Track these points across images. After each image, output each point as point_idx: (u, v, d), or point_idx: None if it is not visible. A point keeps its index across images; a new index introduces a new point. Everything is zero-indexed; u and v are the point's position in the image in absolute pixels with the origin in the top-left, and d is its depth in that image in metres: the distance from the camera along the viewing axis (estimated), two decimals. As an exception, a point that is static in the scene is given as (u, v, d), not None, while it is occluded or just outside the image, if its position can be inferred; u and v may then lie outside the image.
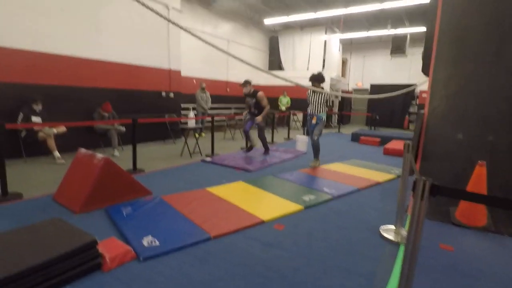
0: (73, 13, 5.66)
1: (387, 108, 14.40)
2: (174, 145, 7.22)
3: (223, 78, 11.46)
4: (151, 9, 2.76)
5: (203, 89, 8.71)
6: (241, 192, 3.63)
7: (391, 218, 2.91)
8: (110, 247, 2.09)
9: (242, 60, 3.48)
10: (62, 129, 5.20)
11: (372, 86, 15.11)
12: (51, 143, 5.02)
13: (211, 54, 10.27)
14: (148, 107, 7.29)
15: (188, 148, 6.06)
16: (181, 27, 2.96)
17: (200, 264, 2.09)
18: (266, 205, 3.24)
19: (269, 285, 1.87)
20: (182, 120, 7.86)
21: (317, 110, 4.99)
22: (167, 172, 4.56)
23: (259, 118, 5.60)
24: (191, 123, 6.75)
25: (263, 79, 13.35)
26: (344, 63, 16.13)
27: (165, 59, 7.63)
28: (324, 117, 5.04)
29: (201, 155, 5.98)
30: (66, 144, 5.30)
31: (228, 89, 11.65)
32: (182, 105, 8.53)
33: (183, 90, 8.37)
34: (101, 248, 2.03)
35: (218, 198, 3.38)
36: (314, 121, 5.08)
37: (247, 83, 5.69)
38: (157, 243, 2.29)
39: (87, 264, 1.91)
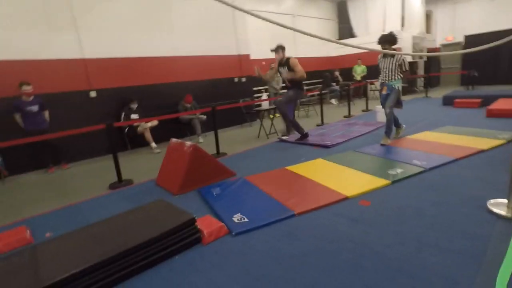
0: (148, 19, 6.25)
1: (489, 61, 12.09)
2: (251, 128, 7.50)
3: (292, 55, 11.22)
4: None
5: (272, 69, 8.70)
6: (321, 169, 3.59)
7: (501, 191, 2.51)
8: (207, 224, 2.33)
9: (305, 33, 3.33)
10: (154, 122, 5.90)
11: (468, 37, 12.81)
12: (148, 135, 5.76)
13: (277, 32, 10.05)
14: (224, 94, 7.68)
15: (264, 129, 6.22)
16: (243, 10, 2.94)
17: (288, 239, 2.18)
18: (349, 181, 3.14)
19: (360, 261, 1.84)
20: (256, 103, 8.05)
21: (389, 77, 4.32)
22: (247, 154, 4.78)
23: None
24: (265, 105, 6.87)
25: (333, 49, 12.61)
26: (428, 16, 14.01)
27: (234, 45, 7.85)
28: (399, 85, 4.32)
29: (278, 135, 6.07)
30: (159, 135, 6.01)
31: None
32: (255, 88, 8.72)
33: (253, 73, 8.52)
34: (199, 224, 2.28)
35: (299, 176, 3.41)
36: (384, 91, 4.41)
37: (279, 48, 5.00)
38: (246, 219, 2.46)
39: (190, 238, 2.18)
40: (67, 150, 5.29)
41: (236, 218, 2.50)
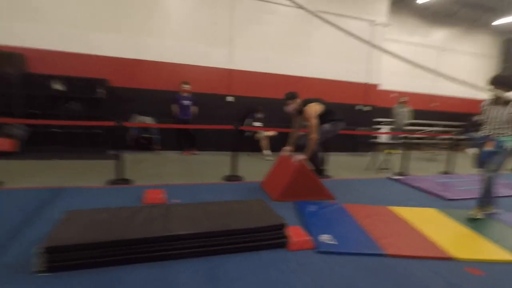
0: (288, 42, 6.96)
1: None
2: (362, 158, 7.24)
3: (430, 91, 10.19)
4: (353, 35, 2.99)
5: (402, 103, 8.16)
6: (431, 220, 3.25)
7: None
8: (295, 233, 2.53)
9: (443, 76, 3.09)
10: (273, 133, 6.49)
11: None
12: (264, 143, 6.39)
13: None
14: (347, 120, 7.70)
15: (376, 163, 5.95)
16: (380, 49, 3.04)
17: (369, 274, 2.15)
18: (460, 241, 2.76)
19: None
20: (374, 134, 7.72)
21: (499, 131, 3.27)
22: (351, 183, 4.72)
23: (299, 157, 3.69)
24: (383, 138, 6.55)
25: (484, 92, 10.74)
26: None
27: (363, 73, 7.78)
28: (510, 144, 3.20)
29: (390, 172, 5.70)
30: (276, 145, 6.55)
31: (434, 104, 10.25)
32: (376, 119, 8.37)
33: (379, 104, 8.22)
34: (288, 231, 2.51)
35: (401, 219, 3.20)
36: (490, 147, 3.32)
37: (289, 98, 4.02)
38: (335, 242, 2.53)
39: (277, 240, 2.43)
40: (200, 140, 6.44)
41: (325, 237, 2.60)
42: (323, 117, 3.97)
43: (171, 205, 2.80)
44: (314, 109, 3.87)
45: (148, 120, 5.94)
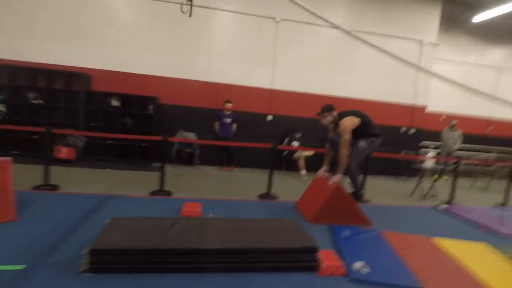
0: (334, 62, 6.96)
1: None
2: (406, 184, 6.84)
3: (484, 114, 9.40)
4: (395, 56, 2.94)
5: (452, 126, 7.63)
6: (480, 256, 2.96)
7: None
8: (327, 257, 2.47)
9: (500, 100, 2.86)
10: (310, 152, 6.44)
11: None
12: (301, 163, 6.35)
13: (471, 86, 8.79)
14: (385, 142, 7.38)
15: (421, 189, 5.58)
16: (426, 71, 2.94)
17: (405, 309, 2.02)
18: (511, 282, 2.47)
19: None
20: (420, 159, 7.28)
21: None
22: (392, 209, 4.48)
23: (334, 179, 3.56)
24: (429, 163, 6.15)
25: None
26: None
27: (410, 94, 7.47)
28: None
29: (436, 200, 5.30)
30: (313, 165, 6.48)
31: (489, 128, 9.42)
32: (424, 143, 7.91)
33: (426, 127, 7.78)
34: (320, 255, 2.46)
35: (446, 252, 2.96)
36: None
37: (325, 111, 3.90)
38: (368, 270, 2.42)
39: (308, 263, 2.40)
40: (239, 157, 6.61)
41: (359, 265, 2.50)
42: (360, 132, 3.76)
43: (206, 218, 2.92)
44: (351, 122, 3.69)
45: (191, 136, 6.27)
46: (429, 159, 6.11)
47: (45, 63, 5.95)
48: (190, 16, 3.60)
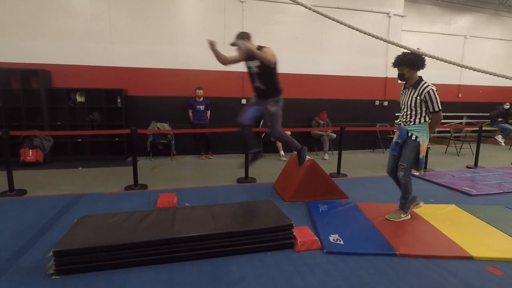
0: (304, 40, 6.87)
1: None
2: (382, 155, 7.01)
3: (454, 81, 9.67)
4: (369, 34, 2.89)
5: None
6: (450, 217, 3.07)
7: None
8: (302, 234, 2.48)
9: (472, 68, 2.88)
10: (288, 133, 6.43)
11: None
12: (279, 144, 6.34)
13: (441, 56, 8.98)
14: (361, 116, 7.49)
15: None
16: (397, 45, 2.92)
17: (378, 275, 2.07)
18: (483, 240, 2.58)
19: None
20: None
21: (407, 119, 2.86)
22: (368, 181, 4.57)
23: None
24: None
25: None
26: None
27: (382, 67, 7.53)
28: (421, 135, 2.76)
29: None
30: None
31: (459, 95, 9.72)
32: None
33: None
34: (295, 232, 2.46)
35: (418, 217, 3.05)
36: (395, 138, 2.97)
37: (242, 37, 3.37)
38: (342, 242, 2.46)
39: (283, 241, 2.40)
40: (216, 144, 6.52)
41: (333, 238, 2.53)
42: (273, 79, 3.35)
43: (179, 208, 2.86)
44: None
45: (165, 127, 6.10)
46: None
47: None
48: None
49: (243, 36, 3.38)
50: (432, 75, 9.08)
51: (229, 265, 2.16)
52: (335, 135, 6.57)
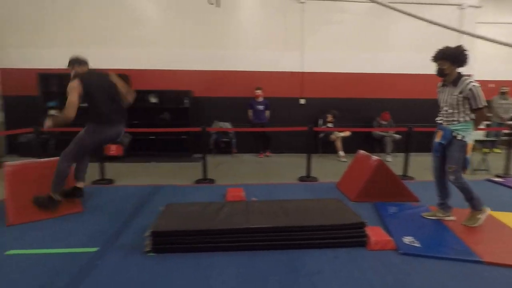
0: (365, 38, 6.68)
1: None
2: (452, 159, 6.48)
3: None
4: (444, 26, 2.76)
5: (503, 93, 7.04)
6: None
7: None
8: (375, 233, 2.47)
9: None
10: (347, 133, 6.31)
11: None
12: (338, 144, 6.26)
13: (523, 49, 7.98)
14: (427, 116, 7.01)
15: (472, 163, 5.25)
16: (470, 34, 2.75)
17: (461, 281, 1.98)
18: None
19: None
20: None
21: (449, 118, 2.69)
22: (439, 185, 4.28)
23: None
24: (477, 135, 5.76)
25: None
26: None
27: (453, 63, 6.96)
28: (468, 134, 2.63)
29: (489, 173, 4.99)
30: (350, 146, 6.37)
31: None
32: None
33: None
34: (368, 231, 2.46)
35: (504, 225, 2.81)
36: (438, 139, 2.78)
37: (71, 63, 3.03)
38: (418, 244, 2.39)
39: (356, 238, 2.41)
40: (275, 142, 6.67)
41: (407, 239, 2.47)
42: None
43: (250, 202, 3.03)
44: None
45: (226, 126, 6.42)
46: (480, 131, 5.71)
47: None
48: (218, 6, 3.64)
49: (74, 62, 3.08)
50: (510, 71, 8.18)
51: (304, 258, 2.25)
52: (399, 136, 6.26)
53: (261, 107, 6.39)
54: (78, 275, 2.04)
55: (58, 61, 6.24)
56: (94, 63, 6.22)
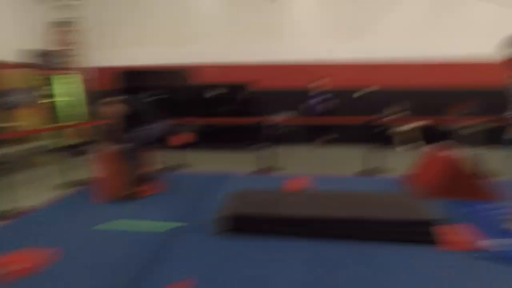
0: (440, 19, 6.13)
1: None
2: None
3: None
4: None
5: None
6: None
7: None
8: (454, 232, 2.37)
9: None
10: (413, 125, 5.96)
11: None
12: (404, 136, 5.94)
13: None
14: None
15: None
16: None
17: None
18: None
19: None
20: None
21: None
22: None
23: None
24: None
25: None
26: None
27: None
28: None
29: None
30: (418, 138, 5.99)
31: None
32: None
33: None
34: (445, 230, 2.36)
35: None
36: None
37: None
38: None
39: (431, 236, 2.33)
40: (335, 133, 6.59)
41: (497, 241, 2.29)
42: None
43: (319, 192, 3.11)
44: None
45: (285, 116, 6.49)
46: None
47: (166, 64, 7.01)
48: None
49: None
50: None
51: (376, 252, 2.27)
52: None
53: (322, 98, 6.32)
54: (163, 248, 2.37)
55: (141, 59, 7.07)
56: (166, 60, 6.90)
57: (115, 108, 3.41)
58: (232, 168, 4.86)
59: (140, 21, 7.02)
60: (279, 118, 6.49)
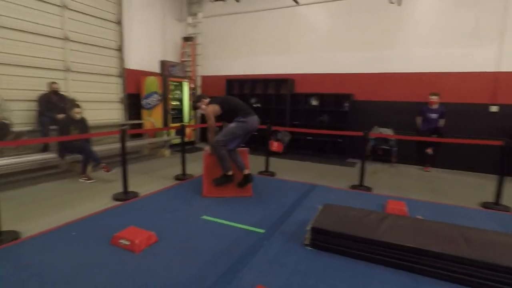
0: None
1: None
2: None
3: None
4: None
5: None
6: None
7: None
8: None
9: None
10: None
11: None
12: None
13: None
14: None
15: None
16: None
17: None
18: None
19: None
20: None
21: None
22: None
23: None
24: None
25: None
26: None
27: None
28: None
29: None
30: None
31: None
32: None
33: None
34: None
35: None
36: None
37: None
38: None
39: None
40: (447, 156, 5.65)
41: None
42: (226, 117, 3.77)
43: (418, 219, 2.70)
44: (212, 109, 3.68)
45: (388, 132, 5.94)
46: None
47: (261, 74, 7.39)
48: (399, 5, 3.40)
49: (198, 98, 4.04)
50: None
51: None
52: None
53: (434, 116, 5.51)
54: (250, 249, 2.42)
55: (240, 69, 7.65)
56: (268, 70, 7.25)
57: (211, 108, 3.68)
58: (324, 180, 4.69)
59: (249, 35, 7.59)
60: (382, 132, 5.97)
